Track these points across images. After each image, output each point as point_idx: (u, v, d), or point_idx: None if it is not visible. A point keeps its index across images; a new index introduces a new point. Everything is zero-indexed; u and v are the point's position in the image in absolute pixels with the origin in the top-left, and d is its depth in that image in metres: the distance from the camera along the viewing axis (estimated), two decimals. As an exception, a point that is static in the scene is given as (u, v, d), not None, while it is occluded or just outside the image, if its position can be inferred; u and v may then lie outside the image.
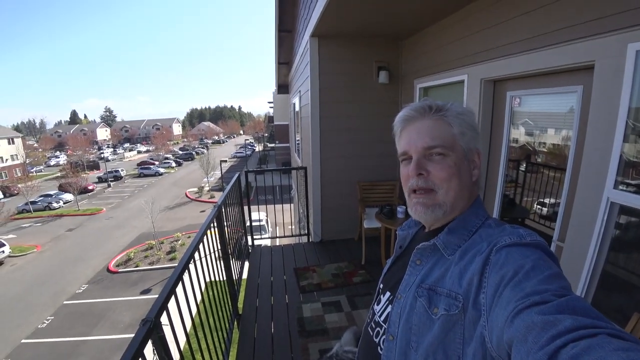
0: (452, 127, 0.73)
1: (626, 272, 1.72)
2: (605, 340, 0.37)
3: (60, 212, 23.42)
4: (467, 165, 0.74)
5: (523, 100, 2.43)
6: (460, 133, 0.73)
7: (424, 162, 0.72)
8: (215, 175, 31.10)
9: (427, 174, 0.72)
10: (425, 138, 0.72)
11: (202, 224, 2.11)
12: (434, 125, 0.73)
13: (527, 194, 2.57)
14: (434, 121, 0.73)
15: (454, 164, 0.71)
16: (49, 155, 59.12)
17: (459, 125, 0.73)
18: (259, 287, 3.42)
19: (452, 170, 0.71)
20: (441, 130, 0.72)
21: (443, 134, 0.72)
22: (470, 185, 0.76)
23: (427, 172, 0.72)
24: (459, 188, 0.72)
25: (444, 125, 0.73)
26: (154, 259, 14.77)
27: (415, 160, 0.73)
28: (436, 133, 0.72)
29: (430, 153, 0.72)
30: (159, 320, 1.11)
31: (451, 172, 0.71)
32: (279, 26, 6.29)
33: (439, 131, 0.72)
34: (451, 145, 0.72)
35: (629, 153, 1.58)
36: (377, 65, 4.12)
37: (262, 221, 11.44)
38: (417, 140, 0.73)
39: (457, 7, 2.84)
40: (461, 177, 0.72)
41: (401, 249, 0.90)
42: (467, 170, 0.74)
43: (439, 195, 0.72)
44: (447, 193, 0.72)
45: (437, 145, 0.71)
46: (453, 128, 0.73)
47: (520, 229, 0.65)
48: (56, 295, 12.52)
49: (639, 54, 1.46)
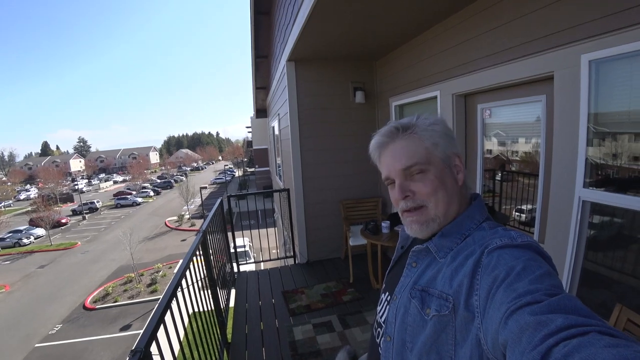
0: (424, 141, 0.74)
1: (604, 267, 1.80)
2: (596, 338, 0.38)
3: (31, 249, 22.22)
4: (449, 172, 0.75)
5: (493, 112, 2.56)
6: (433, 145, 0.74)
7: (406, 184, 0.74)
8: (195, 203, 30.49)
9: (412, 195, 0.74)
10: (401, 160, 0.74)
11: (185, 252, 2.06)
12: (406, 145, 0.74)
13: (505, 202, 2.66)
14: (405, 141, 0.75)
15: (435, 176, 0.73)
16: (19, 189, 56.55)
17: (429, 137, 0.74)
18: (248, 313, 3.32)
19: (435, 183, 0.72)
20: (414, 147, 0.74)
21: (417, 151, 0.73)
22: (458, 190, 0.77)
23: (412, 192, 0.74)
24: (447, 198, 0.73)
25: (416, 141, 0.74)
26: (133, 293, 14.13)
27: (398, 185, 0.75)
28: (410, 152, 0.73)
29: (411, 172, 0.74)
30: (149, 350, 1.07)
31: (435, 185, 0.72)
32: (256, 51, 6.41)
33: (412, 149, 0.74)
34: (428, 160, 0.73)
35: (593, 155, 1.69)
36: (353, 85, 4.25)
37: (245, 247, 11.23)
38: (395, 164, 0.75)
39: (425, 27, 3.00)
40: (446, 187, 0.74)
41: (402, 249, 0.91)
42: (450, 177, 0.75)
43: (430, 210, 0.73)
44: (437, 206, 0.73)
45: (414, 164, 0.73)
46: (425, 142, 0.74)
47: (512, 232, 0.66)
48: (27, 338, 11.69)
49: (592, 64, 1.60)
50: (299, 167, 4.22)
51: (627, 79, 1.53)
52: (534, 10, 1.90)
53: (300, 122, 4.15)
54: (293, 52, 3.63)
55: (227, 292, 3.39)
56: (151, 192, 41.14)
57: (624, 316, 1.28)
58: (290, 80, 4.07)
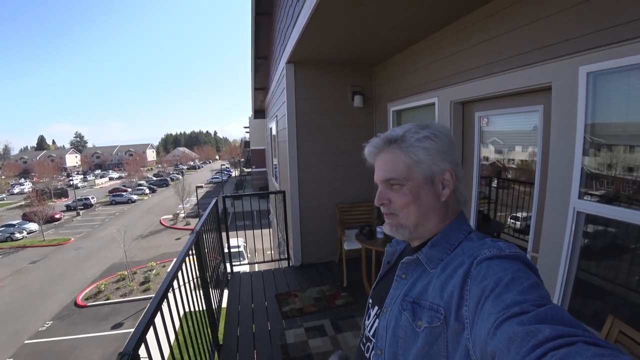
0: (406, 156, 0.75)
1: (598, 278, 1.80)
2: (583, 348, 0.39)
3: (23, 243, 22.01)
4: (429, 188, 0.75)
5: (490, 120, 2.57)
6: (415, 162, 0.75)
7: (385, 192, 0.79)
8: (191, 202, 30.37)
9: (388, 202, 0.78)
10: (382, 172, 0.78)
11: (179, 251, 2.05)
12: (388, 159, 0.78)
13: (501, 209, 2.67)
14: (389, 154, 0.78)
15: (410, 192, 0.75)
16: (13, 182, 56.09)
17: (413, 153, 0.75)
18: (240, 314, 3.30)
19: (408, 198, 0.75)
20: (395, 162, 0.76)
21: (397, 166, 0.76)
22: (437, 205, 0.77)
23: (389, 200, 0.78)
24: (418, 212, 0.76)
25: (399, 156, 0.76)
26: (126, 291, 14.03)
27: (378, 191, 0.80)
28: (390, 166, 0.77)
29: (390, 183, 0.77)
30: (137, 353, 1.05)
31: (407, 200, 0.75)
32: (255, 53, 6.40)
33: (392, 164, 0.76)
34: (406, 175, 0.75)
35: (589, 165, 1.69)
36: (352, 89, 4.25)
37: (240, 247, 11.19)
38: (378, 173, 0.80)
39: (425, 34, 3.01)
40: (419, 202, 0.75)
41: (389, 265, 0.92)
42: (429, 193, 0.75)
43: (400, 219, 0.78)
44: (406, 217, 0.77)
45: (391, 178, 0.76)
46: (406, 158, 0.75)
47: (500, 242, 0.67)
48: (17, 334, 11.56)
49: (589, 75, 1.61)
50: (296, 170, 4.21)
51: (624, 92, 1.55)
52: (534, 21, 1.91)
53: (297, 125, 4.14)
54: (293, 54, 3.63)
55: (219, 292, 3.37)
56: (147, 189, 40.95)
57: (616, 328, 1.28)
58: (289, 82, 4.06)
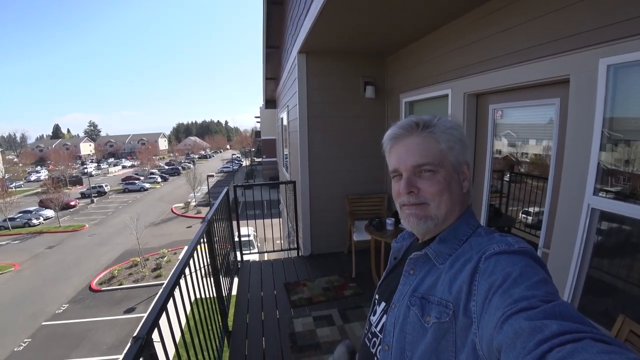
0: (440, 143, 0.74)
1: (610, 276, 1.78)
2: (590, 344, 0.39)
3: (40, 229, 22.63)
4: (457, 178, 0.75)
5: (505, 113, 2.52)
6: (448, 148, 0.74)
7: (414, 179, 0.74)
8: (202, 191, 30.71)
9: (417, 191, 0.74)
10: (414, 156, 0.73)
11: (190, 239, 2.09)
12: (422, 143, 0.74)
13: (512, 203, 2.64)
14: (422, 138, 0.74)
15: (444, 179, 0.73)
16: (30, 170, 57.42)
17: (446, 140, 0.74)
18: (249, 302, 3.36)
19: (442, 185, 0.73)
20: (429, 147, 0.73)
21: (431, 151, 0.73)
22: (462, 197, 0.77)
23: (418, 189, 0.74)
24: (450, 202, 0.74)
25: (432, 141, 0.74)
26: (138, 277, 14.34)
27: (405, 178, 0.74)
28: (424, 151, 0.73)
29: (420, 170, 0.73)
30: (151, 337, 1.09)
31: (441, 187, 0.73)
32: (267, 42, 6.37)
33: (427, 148, 0.73)
34: (440, 162, 0.73)
35: (606, 161, 1.65)
36: (364, 80, 4.21)
37: (250, 236, 11.32)
38: (407, 159, 0.74)
39: (438, 25, 2.95)
40: (452, 191, 0.74)
41: (395, 260, 0.91)
42: (457, 183, 0.75)
43: (431, 208, 0.73)
44: (439, 207, 0.73)
45: (426, 163, 0.73)
46: (441, 144, 0.73)
47: (509, 237, 0.66)
48: (34, 316, 11.97)
49: (610, 68, 1.55)
50: (306, 160, 4.22)
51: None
52: (553, 11, 1.85)
53: (309, 115, 4.13)
54: (304, 44, 3.60)
55: (229, 280, 3.43)
56: (159, 178, 41.59)
57: (627, 327, 1.26)
58: (301, 72, 4.04)
